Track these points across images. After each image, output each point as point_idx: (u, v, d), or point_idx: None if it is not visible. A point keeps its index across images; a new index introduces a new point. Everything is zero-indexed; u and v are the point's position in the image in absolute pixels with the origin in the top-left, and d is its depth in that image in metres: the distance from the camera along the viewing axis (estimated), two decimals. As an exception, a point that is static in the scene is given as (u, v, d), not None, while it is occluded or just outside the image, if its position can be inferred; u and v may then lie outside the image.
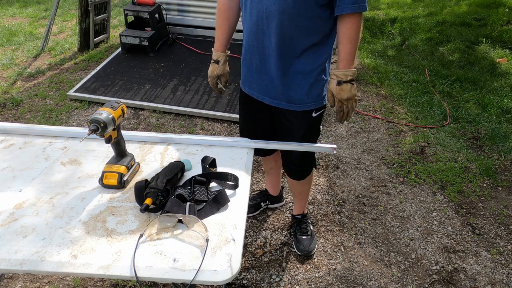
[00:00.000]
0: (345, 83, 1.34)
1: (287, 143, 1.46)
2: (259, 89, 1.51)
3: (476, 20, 5.35)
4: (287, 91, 1.44)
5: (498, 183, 2.48)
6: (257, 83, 1.51)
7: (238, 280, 1.82)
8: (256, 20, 1.34)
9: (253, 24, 1.36)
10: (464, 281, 1.85)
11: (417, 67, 4.01)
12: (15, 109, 3.11)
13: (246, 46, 1.47)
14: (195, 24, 4.31)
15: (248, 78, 1.54)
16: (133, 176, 1.17)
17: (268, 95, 1.50)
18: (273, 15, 1.29)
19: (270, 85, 1.46)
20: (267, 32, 1.34)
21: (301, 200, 1.99)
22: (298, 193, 1.95)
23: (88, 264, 0.88)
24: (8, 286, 1.75)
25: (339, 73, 1.35)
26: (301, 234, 1.97)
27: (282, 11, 1.27)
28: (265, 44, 1.38)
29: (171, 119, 3.03)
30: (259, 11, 1.31)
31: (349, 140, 2.88)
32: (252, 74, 1.51)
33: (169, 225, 0.99)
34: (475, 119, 3.12)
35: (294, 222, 2.04)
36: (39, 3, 5.97)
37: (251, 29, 1.38)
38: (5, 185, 1.12)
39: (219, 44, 1.56)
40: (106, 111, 1.04)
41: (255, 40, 1.40)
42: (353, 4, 1.26)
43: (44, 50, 4.19)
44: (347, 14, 1.27)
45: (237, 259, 0.91)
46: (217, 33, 1.55)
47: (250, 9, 1.35)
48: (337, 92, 1.36)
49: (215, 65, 1.56)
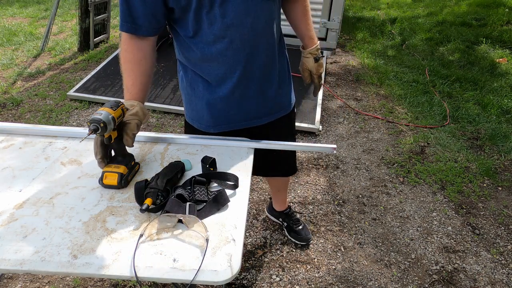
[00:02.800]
0: (320, 58, 1.37)
1: (287, 143, 1.38)
2: (243, 117, 1.36)
3: (476, 20, 5.36)
4: (279, 97, 1.39)
5: (498, 183, 2.48)
6: (239, 113, 1.34)
7: (238, 280, 1.82)
8: (237, 47, 1.16)
9: (233, 54, 1.17)
10: (464, 281, 1.85)
11: (417, 67, 4.01)
12: (15, 109, 3.11)
13: (223, 80, 1.25)
14: (195, 24, 4.30)
15: (226, 114, 1.33)
16: (133, 176, 1.17)
17: (256, 117, 1.37)
18: (251, 34, 1.15)
19: (259, 105, 1.34)
20: (250, 55, 1.19)
21: (285, 192, 2.01)
22: (284, 186, 1.96)
23: (88, 264, 0.88)
24: (8, 286, 1.75)
25: (313, 50, 1.36)
26: (296, 226, 2.01)
27: (255, 27, 1.14)
28: (247, 68, 1.22)
29: (171, 119, 3.03)
30: (239, 37, 1.14)
31: (349, 140, 2.88)
32: (232, 107, 1.31)
33: (169, 225, 0.99)
34: (475, 119, 3.12)
35: (284, 218, 2.06)
36: (39, 3, 5.97)
37: (230, 63, 1.19)
38: (5, 185, 1.12)
39: (131, 94, 1.15)
40: (106, 111, 1.03)
41: (241, 70, 1.22)
42: None
43: (44, 50, 4.19)
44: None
45: (237, 259, 0.91)
46: (125, 82, 1.17)
47: (223, 38, 1.14)
48: (316, 69, 1.38)
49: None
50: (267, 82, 1.32)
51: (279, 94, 1.38)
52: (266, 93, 1.34)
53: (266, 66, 1.27)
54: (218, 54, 1.16)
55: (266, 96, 1.35)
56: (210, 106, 1.30)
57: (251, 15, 1.11)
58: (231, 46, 1.15)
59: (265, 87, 1.32)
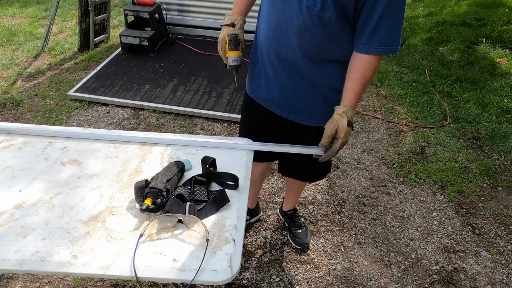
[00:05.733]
0: (351, 125, 1.20)
1: (273, 144, 1.35)
2: (267, 97, 1.43)
3: (476, 20, 5.35)
4: (298, 105, 1.37)
5: (498, 183, 2.48)
6: (265, 90, 1.42)
7: (238, 280, 1.82)
8: (274, 27, 1.23)
9: (271, 31, 1.26)
10: (464, 281, 1.85)
11: (417, 67, 4.01)
12: (15, 109, 3.11)
13: (258, 50, 1.37)
14: (195, 24, 4.31)
15: (256, 83, 1.45)
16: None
17: (275, 104, 1.42)
18: (294, 29, 1.18)
19: (279, 95, 1.39)
20: (283, 43, 1.24)
21: (297, 195, 1.99)
22: (297, 189, 1.94)
23: (88, 264, 0.88)
24: (8, 286, 1.75)
25: (350, 113, 1.20)
26: (296, 229, 1.99)
27: (304, 28, 1.17)
28: (280, 56, 1.28)
29: (171, 119, 3.03)
30: (279, 20, 1.20)
31: (349, 140, 2.88)
32: (260, 80, 1.42)
33: (169, 225, 0.99)
34: (475, 119, 3.12)
35: (287, 218, 2.05)
36: (39, 3, 5.97)
37: (268, 36, 1.28)
38: (5, 185, 1.12)
39: (238, 9, 1.35)
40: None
41: (270, 48, 1.30)
42: (386, 46, 1.12)
43: (44, 50, 4.19)
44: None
45: (237, 259, 0.91)
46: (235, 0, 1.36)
47: (270, 14, 1.24)
48: (345, 133, 1.19)
49: (229, 27, 1.33)
50: (281, 75, 1.34)
51: (297, 98, 1.36)
52: (278, 84, 1.37)
53: (291, 63, 1.29)
54: (261, 22, 1.36)
55: (277, 87, 1.38)
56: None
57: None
58: (270, 22, 1.29)
59: (277, 78, 1.36)
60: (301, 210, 2.23)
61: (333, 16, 1.12)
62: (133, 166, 1.22)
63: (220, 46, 1.35)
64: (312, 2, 1.11)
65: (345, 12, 1.11)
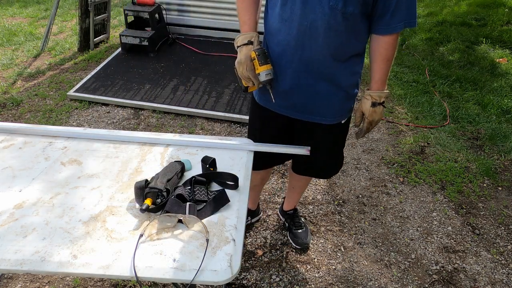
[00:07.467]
0: (379, 105, 1.30)
1: (260, 144, 1.36)
2: (283, 104, 1.41)
3: (476, 20, 5.35)
4: (320, 107, 1.39)
5: (498, 183, 2.48)
6: (282, 98, 1.38)
7: (238, 280, 1.82)
8: (296, 34, 1.23)
9: (292, 38, 1.25)
10: (464, 281, 1.85)
11: (417, 67, 4.00)
12: (15, 109, 3.11)
13: (275, 58, 1.33)
14: (195, 24, 4.31)
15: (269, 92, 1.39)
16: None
17: (295, 110, 1.41)
18: (319, 31, 1.20)
19: (300, 100, 1.38)
20: (308, 47, 1.25)
21: (299, 194, 2.00)
22: (301, 187, 1.94)
23: (88, 264, 0.88)
24: (8, 286, 1.75)
25: (375, 94, 1.30)
26: (296, 229, 1.99)
27: (329, 27, 1.19)
28: (304, 60, 1.28)
29: (171, 119, 3.03)
30: (301, 25, 1.21)
31: (349, 140, 2.87)
32: (277, 89, 1.37)
33: (169, 225, 0.99)
34: (475, 119, 3.12)
35: (287, 218, 2.05)
36: (39, 3, 5.97)
37: (289, 43, 1.27)
38: (5, 185, 1.12)
39: (249, 26, 1.33)
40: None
41: (293, 55, 1.28)
42: (404, 21, 1.19)
43: (44, 50, 4.19)
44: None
45: (237, 259, 0.91)
46: (243, 17, 1.35)
47: (289, 22, 1.23)
48: (369, 114, 1.31)
49: (248, 45, 1.29)
50: (303, 79, 1.35)
51: (321, 99, 1.37)
52: (299, 89, 1.38)
53: (315, 66, 1.30)
54: (278, 31, 1.34)
55: (298, 92, 1.38)
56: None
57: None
58: (290, 30, 1.29)
59: (298, 84, 1.37)
60: (301, 210, 2.23)
61: (356, 9, 1.16)
62: (133, 166, 1.22)
63: (244, 67, 1.27)
64: (334, 2, 1.14)
65: (365, 2, 1.17)
